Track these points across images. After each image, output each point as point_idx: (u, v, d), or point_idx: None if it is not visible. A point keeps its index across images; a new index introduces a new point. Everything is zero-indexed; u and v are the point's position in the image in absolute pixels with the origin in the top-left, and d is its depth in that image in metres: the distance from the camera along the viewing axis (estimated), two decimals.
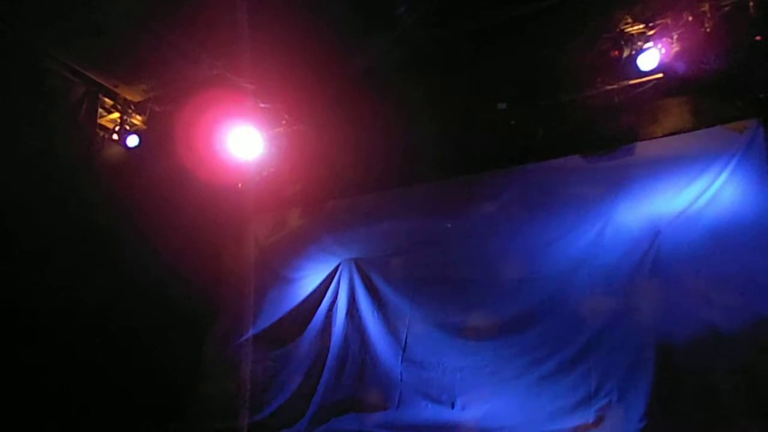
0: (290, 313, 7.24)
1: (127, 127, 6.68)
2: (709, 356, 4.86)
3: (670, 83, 5.38)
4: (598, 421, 5.19)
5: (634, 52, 5.22)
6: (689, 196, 5.29)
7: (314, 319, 7.09)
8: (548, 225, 5.97)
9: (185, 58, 5.65)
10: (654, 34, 5.15)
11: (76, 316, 5.70)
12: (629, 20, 5.16)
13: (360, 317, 6.89)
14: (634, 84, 5.59)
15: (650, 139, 5.70)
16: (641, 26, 5.17)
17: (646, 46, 5.17)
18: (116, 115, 6.68)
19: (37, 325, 5.33)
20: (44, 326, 5.40)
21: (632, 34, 5.21)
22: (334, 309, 7.06)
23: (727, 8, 4.82)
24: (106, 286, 6.12)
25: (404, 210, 6.86)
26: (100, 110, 6.43)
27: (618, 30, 5.22)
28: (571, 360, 5.53)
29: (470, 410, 5.84)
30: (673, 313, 5.11)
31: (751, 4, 4.74)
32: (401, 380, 6.37)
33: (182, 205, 6.92)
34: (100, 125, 6.60)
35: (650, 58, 5.15)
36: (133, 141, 6.64)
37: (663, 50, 5.11)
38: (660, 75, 5.34)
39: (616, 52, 5.32)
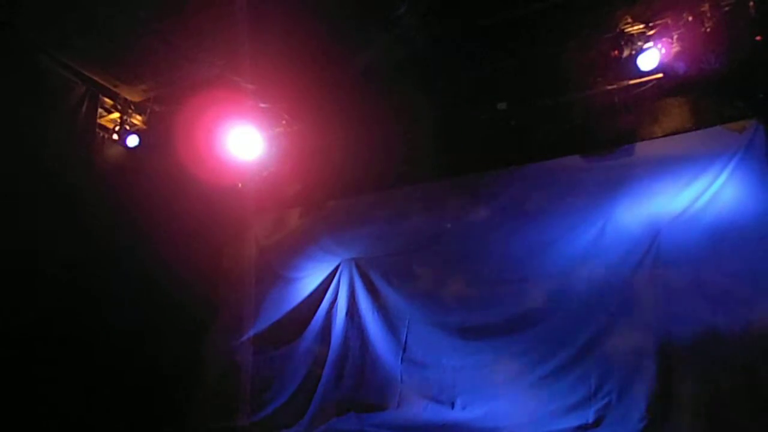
0: (290, 313, 7.24)
1: (127, 127, 6.66)
2: (709, 356, 4.86)
3: (670, 83, 5.39)
4: (598, 421, 5.20)
5: (634, 52, 5.22)
6: (689, 196, 5.30)
7: (314, 319, 7.10)
8: (548, 225, 5.97)
9: (185, 58, 5.65)
10: (654, 34, 5.15)
11: (75, 316, 5.69)
12: (629, 20, 5.16)
13: (360, 317, 6.89)
14: (634, 84, 5.60)
15: (650, 139, 5.72)
16: (641, 26, 5.17)
17: (646, 46, 5.17)
18: (116, 115, 6.66)
19: (35, 325, 5.32)
20: (42, 327, 5.39)
21: (632, 34, 5.21)
22: (334, 309, 7.06)
23: (727, 8, 4.82)
24: (106, 286, 6.11)
25: (404, 210, 6.86)
26: (100, 110, 6.41)
27: (618, 30, 5.23)
28: (571, 360, 5.54)
29: (470, 410, 5.85)
30: (673, 313, 5.12)
31: (751, 4, 4.75)
32: (401, 380, 6.37)
33: (182, 205, 6.91)
34: (100, 125, 6.58)
35: (650, 58, 5.15)
36: (133, 141, 6.62)
37: (663, 50, 5.12)
38: (660, 75, 5.35)
39: (616, 52, 5.33)
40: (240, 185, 7.73)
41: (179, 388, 6.85)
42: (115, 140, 6.68)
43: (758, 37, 4.83)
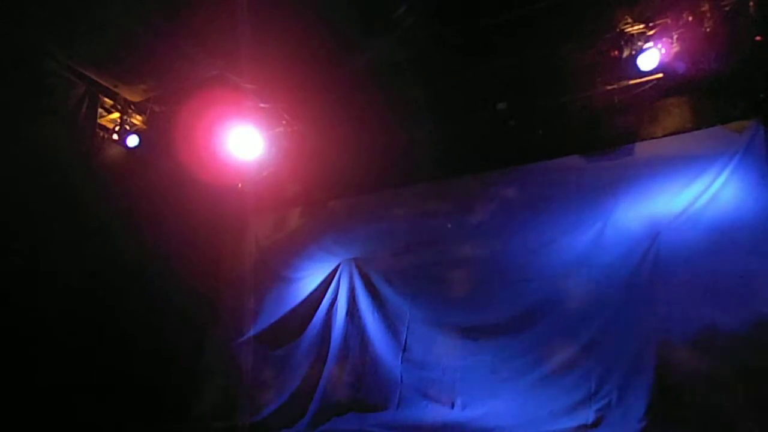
0: (290, 313, 7.23)
1: (127, 127, 6.67)
2: (709, 356, 4.86)
3: (670, 83, 5.39)
4: (598, 421, 5.19)
5: (634, 52, 5.23)
6: (689, 196, 5.29)
7: (314, 319, 7.09)
8: (548, 225, 5.97)
9: (185, 58, 5.65)
10: (654, 34, 5.15)
11: (76, 316, 5.70)
12: (629, 20, 5.16)
13: (360, 317, 6.89)
14: (634, 84, 5.59)
15: (650, 139, 5.71)
16: (641, 26, 5.17)
17: (646, 46, 5.17)
18: (116, 115, 6.67)
19: (36, 325, 5.32)
20: (43, 326, 5.39)
21: (632, 34, 5.21)
22: (334, 309, 7.06)
23: (727, 8, 4.83)
24: (106, 286, 6.12)
25: (404, 210, 6.86)
26: (100, 110, 6.42)
27: (618, 30, 5.23)
28: (571, 360, 5.53)
29: (470, 410, 5.84)
30: (673, 313, 5.11)
31: (751, 4, 4.75)
32: (401, 380, 6.37)
33: (182, 205, 6.92)
34: (100, 125, 6.59)
35: (650, 58, 5.15)
36: (133, 141, 6.63)
37: (663, 50, 5.12)
38: (660, 75, 5.35)
39: (616, 52, 5.34)
40: (240, 185, 7.74)
41: (179, 388, 6.86)
42: (115, 140, 6.69)
43: (758, 37, 4.83)
